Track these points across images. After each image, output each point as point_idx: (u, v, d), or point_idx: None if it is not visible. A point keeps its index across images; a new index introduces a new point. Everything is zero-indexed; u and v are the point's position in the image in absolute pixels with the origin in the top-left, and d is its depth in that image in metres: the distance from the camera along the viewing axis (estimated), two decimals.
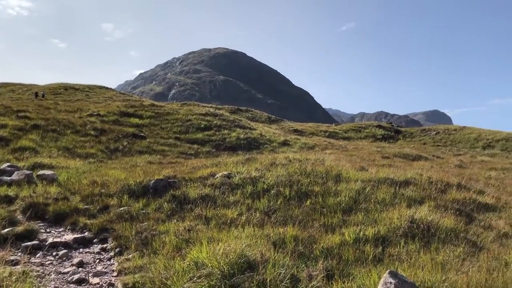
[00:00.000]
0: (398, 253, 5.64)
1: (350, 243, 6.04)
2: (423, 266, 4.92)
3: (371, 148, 28.91)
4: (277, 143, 28.14)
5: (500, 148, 31.02)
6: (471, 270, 4.88)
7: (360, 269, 5.11)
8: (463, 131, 38.17)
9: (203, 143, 25.05)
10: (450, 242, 6.04)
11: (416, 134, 42.48)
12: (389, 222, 6.68)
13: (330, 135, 42.99)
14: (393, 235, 6.29)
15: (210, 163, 12.98)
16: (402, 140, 40.53)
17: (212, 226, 7.06)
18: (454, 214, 7.24)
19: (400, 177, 9.85)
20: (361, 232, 6.30)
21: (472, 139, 34.68)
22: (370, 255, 5.60)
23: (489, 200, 8.83)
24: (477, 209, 8.07)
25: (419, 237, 6.12)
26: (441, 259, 5.32)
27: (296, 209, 7.82)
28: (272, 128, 39.97)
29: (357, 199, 8.24)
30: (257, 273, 4.52)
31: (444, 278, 4.48)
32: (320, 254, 5.67)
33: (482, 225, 7.07)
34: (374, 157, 21.56)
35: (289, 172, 10.10)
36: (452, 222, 6.66)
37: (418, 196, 8.46)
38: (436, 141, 37.05)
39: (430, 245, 5.88)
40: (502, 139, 33.26)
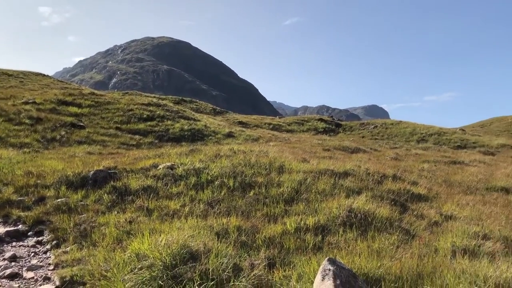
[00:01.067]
0: (337, 241, 5.85)
1: (291, 232, 6.19)
2: (360, 254, 5.13)
3: (313, 140, 29.57)
4: (222, 135, 28.08)
5: (433, 142, 32.75)
6: (404, 256, 5.16)
7: (301, 257, 5.26)
8: (399, 125, 39.94)
9: (146, 133, 24.51)
10: (386, 230, 6.34)
11: (356, 128, 43.88)
12: (329, 211, 6.91)
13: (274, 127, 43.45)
14: (332, 224, 6.51)
15: (152, 154, 12.75)
16: (342, 133, 41.76)
17: (154, 218, 6.97)
18: (389, 204, 7.62)
19: (340, 168, 10.19)
20: (302, 221, 6.47)
21: (407, 133, 36.36)
22: (310, 243, 5.78)
23: (422, 190, 9.34)
24: (410, 199, 8.52)
25: (357, 226, 6.38)
26: (377, 246, 5.58)
27: (240, 199, 7.88)
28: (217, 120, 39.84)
29: (299, 189, 8.44)
30: (199, 263, 4.53)
31: (379, 265, 4.70)
32: (262, 243, 5.77)
33: (415, 214, 7.48)
34: (316, 150, 22.07)
35: (234, 163, 10.15)
36: (387, 212, 6.99)
37: (356, 187, 8.80)
38: (374, 134, 38.50)
39: (367, 233, 6.15)
40: (434, 133, 35.13)
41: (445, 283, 4.28)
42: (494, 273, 4.36)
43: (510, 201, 9.35)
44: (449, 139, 32.81)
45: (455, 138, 33.06)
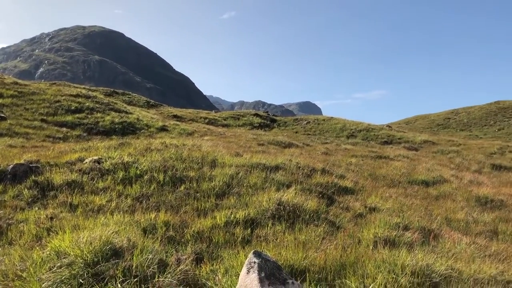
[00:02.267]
0: (266, 234, 5.91)
1: (221, 226, 6.17)
2: (287, 246, 5.22)
3: (248, 135, 29.74)
4: (155, 129, 27.45)
5: (362, 138, 34.09)
6: (329, 247, 5.31)
7: (229, 251, 5.25)
8: (331, 121, 41.20)
9: (74, 126, 23.40)
10: (313, 222, 6.50)
11: (290, 123, 44.68)
12: (259, 205, 6.95)
13: (210, 122, 43.18)
14: (262, 217, 6.57)
15: (79, 148, 12.18)
16: (277, 129, 42.37)
17: (78, 214, 6.65)
18: (317, 197, 7.81)
19: (272, 162, 10.30)
20: (232, 215, 6.47)
21: (338, 129, 37.58)
22: (239, 237, 5.78)
23: (349, 184, 9.67)
24: (337, 192, 8.80)
25: (285, 219, 6.48)
26: (304, 238, 5.70)
27: (169, 194, 7.73)
28: (150, 113, 38.87)
29: (230, 183, 8.43)
30: (123, 259, 4.38)
31: (305, 256, 4.80)
32: (191, 238, 5.70)
33: (341, 206, 7.73)
34: (251, 144, 22.21)
35: (165, 157, 9.94)
36: (315, 204, 7.16)
37: (287, 180, 8.94)
38: (307, 130, 39.42)
39: (295, 225, 6.26)
40: (363, 129, 36.59)
41: (366, 272, 4.44)
42: (411, 261, 4.59)
43: (429, 194, 9.94)
44: (376, 135, 34.31)
45: (382, 134, 34.64)
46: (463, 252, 5.59)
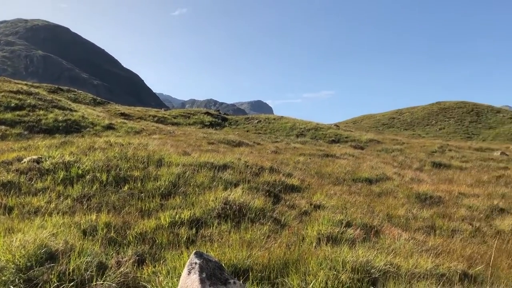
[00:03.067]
0: (211, 234, 5.86)
1: (165, 226, 6.05)
2: (232, 245, 5.19)
3: (199, 134, 29.49)
4: (101, 127, 26.62)
5: (311, 137, 34.70)
6: (273, 246, 5.33)
7: (173, 252, 5.15)
8: (281, 120, 41.67)
9: (13, 124, 22.27)
10: (259, 221, 6.51)
11: (241, 122, 44.75)
12: (205, 204, 6.89)
13: (159, 120, 42.44)
14: (208, 216, 6.51)
15: (18, 147, 11.61)
16: (228, 127, 42.30)
17: (13, 216, 6.31)
18: (264, 195, 7.85)
19: (220, 161, 10.25)
20: (177, 215, 6.36)
21: (288, 128, 38.04)
22: (184, 237, 5.70)
23: (295, 182, 9.79)
24: (284, 190, 8.88)
25: (231, 218, 6.45)
26: (249, 237, 5.70)
27: (112, 195, 7.50)
28: (97, 111, 37.67)
29: (177, 183, 8.30)
30: (58, 263, 4.19)
31: (249, 255, 4.79)
32: (133, 239, 5.55)
33: (288, 204, 7.81)
34: (201, 143, 22.02)
35: (108, 156, 9.64)
36: (261, 203, 7.18)
37: (235, 179, 8.92)
38: (258, 129, 39.64)
39: (241, 224, 6.25)
40: (312, 128, 37.27)
41: (308, 270, 4.50)
42: (351, 258, 4.70)
43: (372, 191, 10.25)
44: (325, 134, 35.04)
45: (330, 133, 35.42)
46: (402, 247, 5.79)
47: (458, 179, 13.34)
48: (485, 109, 63.19)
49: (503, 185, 12.62)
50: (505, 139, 46.30)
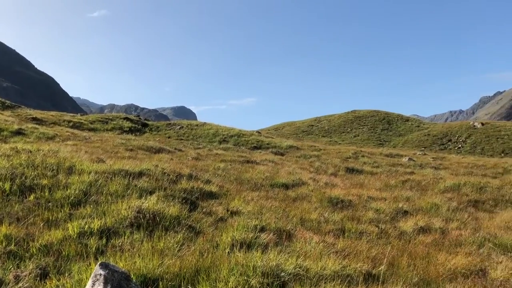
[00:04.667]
0: (122, 244, 5.68)
1: (74, 237, 5.77)
2: (143, 255, 5.07)
3: (117, 140, 28.48)
4: (9, 132, 24.79)
5: (233, 143, 34.91)
6: (186, 254, 5.29)
7: (80, 263, 4.93)
8: (204, 126, 41.51)
9: None
10: (173, 229, 6.42)
11: (162, 128, 43.94)
12: (117, 213, 6.67)
13: (74, 125, 40.41)
14: (120, 226, 6.30)
15: None
16: (149, 133, 41.31)
17: None
18: (180, 203, 7.76)
19: (135, 168, 9.98)
20: (86, 225, 6.09)
21: (211, 134, 37.99)
22: (93, 248, 5.47)
23: (214, 188, 9.80)
24: (202, 197, 8.85)
25: (145, 226, 6.31)
26: (162, 246, 5.60)
27: (16, 205, 7.00)
28: (5, 115, 35.05)
29: (88, 191, 7.94)
30: None
31: (160, 264, 4.72)
32: (37, 252, 5.22)
33: (204, 211, 7.79)
34: (118, 149, 21.28)
35: (13, 164, 8.99)
36: (177, 210, 7.10)
37: (150, 187, 8.73)
38: (180, 135, 39.15)
39: (154, 233, 6.13)
40: (235, 135, 37.53)
41: (219, 276, 4.52)
42: (262, 262, 4.79)
43: (288, 196, 10.54)
44: (247, 140, 35.43)
45: (252, 139, 35.88)
46: (313, 250, 6.00)
47: (368, 183, 14.12)
48: (395, 117, 67.63)
49: (408, 189, 13.57)
50: (412, 146, 49.85)
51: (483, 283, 5.58)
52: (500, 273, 5.93)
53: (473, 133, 51.33)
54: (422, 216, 9.41)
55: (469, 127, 53.95)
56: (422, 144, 50.75)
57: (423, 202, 11.05)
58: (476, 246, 7.47)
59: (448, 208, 10.53)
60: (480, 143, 48.29)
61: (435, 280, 5.63)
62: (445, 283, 5.46)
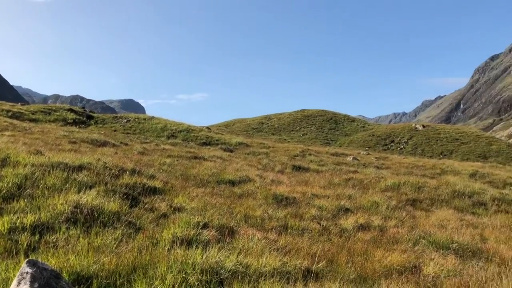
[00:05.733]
0: (57, 240, 5.44)
1: (3, 233, 5.45)
2: (78, 251, 4.88)
3: (59, 132, 27.33)
4: None
5: (182, 138, 34.48)
6: (124, 250, 5.14)
7: (9, 261, 4.67)
8: (152, 120, 40.71)
9: None
10: (112, 225, 6.23)
11: (109, 121, 42.69)
12: (53, 208, 6.37)
13: (14, 115, 38.41)
14: (55, 221, 6.03)
15: None
16: (94, 126, 40.00)
17: None
18: (121, 198, 7.55)
19: (76, 162, 9.61)
20: (18, 220, 5.77)
21: (159, 128, 37.32)
22: (24, 244, 5.20)
23: (158, 184, 9.60)
24: (145, 193, 8.64)
25: (82, 222, 6.07)
26: (99, 242, 5.42)
27: None
28: None
29: (23, 184, 7.55)
30: None
31: (95, 261, 4.55)
32: None
33: (146, 207, 7.61)
34: (60, 142, 20.44)
35: None
36: (117, 206, 6.89)
37: (91, 181, 8.43)
38: (126, 128, 38.20)
39: (92, 229, 5.92)
40: (184, 130, 37.08)
41: (157, 274, 4.42)
42: (202, 259, 4.74)
43: (234, 192, 10.52)
44: (196, 136, 35.11)
45: (202, 135, 35.61)
46: (255, 247, 6.01)
47: (313, 181, 14.38)
48: (342, 118, 69.44)
49: (351, 187, 13.94)
50: (357, 146, 51.37)
51: (416, 279, 5.81)
52: (432, 270, 6.20)
53: (415, 135, 53.61)
54: (363, 214, 9.70)
55: (411, 129, 56.30)
56: (366, 144, 52.41)
57: (364, 200, 11.39)
58: (411, 244, 7.78)
59: (387, 207, 10.92)
60: (421, 144, 50.53)
61: (372, 276, 5.81)
62: (381, 279, 5.64)
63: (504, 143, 51.96)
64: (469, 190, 14.22)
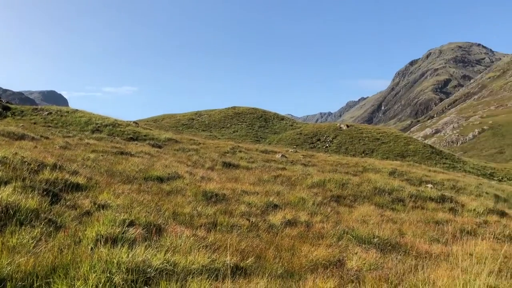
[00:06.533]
0: None
1: None
2: None
3: None
4: None
5: (108, 133, 33.18)
6: (43, 250, 4.85)
7: None
8: (75, 114, 38.80)
9: None
10: (30, 223, 5.85)
11: (28, 113, 40.09)
12: None
13: None
14: None
15: None
16: (11, 118, 37.35)
17: None
18: (41, 195, 7.11)
19: None
20: None
21: (83, 122, 35.67)
22: None
23: (81, 180, 9.17)
24: (67, 189, 8.22)
25: None
26: (15, 242, 5.06)
27: None
28: None
29: None
30: None
31: (10, 262, 4.25)
32: None
33: (68, 204, 7.23)
34: None
35: None
36: (36, 203, 6.48)
37: (6, 177, 7.86)
38: (47, 121, 36.08)
39: (7, 228, 5.52)
40: (110, 124, 35.71)
41: (79, 273, 4.21)
42: (128, 258, 4.58)
43: (162, 189, 10.29)
44: (123, 131, 33.95)
45: (129, 130, 34.51)
46: (183, 244, 5.93)
47: (243, 178, 14.46)
48: (272, 116, 70.54)
49: (279, 183, 14.21)
50: (286, 143, 52.47)
51: (340, 273, 6.03)
52: (355, 263, 6.49)
53: (339, 134, 55.78)
54: (290, 210, 9.92)
55: (336, 128, 58.49)
56: (294, 142, 53.69)
57: (292, 196, 11.64)
58: (336, 238, 8.08)
59: (313, 203, 11.25)
60: (345, 143, 52.68)
61: (298, 271, 5.95)
62: (307, 274, 5.79)
63: (421, 143, 55.62)
64: (389, 187, 15.04)
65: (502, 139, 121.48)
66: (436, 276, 5.58)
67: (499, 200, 20.73)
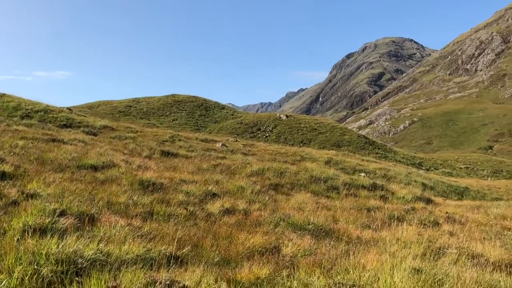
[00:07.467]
0: None
1: None
2: None
3: None
4: None
5: (38, 119, 31.49)
6: None
7: None
8: (3, 98, 36.39)
9: None
10: None
11: None
12: None
13: None
14: None
15: None
16: None
17: None
18: None
19: None
20: None
21: (11, 107, 33.55)
22: None
23: (8, 168, 8.67)
24: None
25: None
26: None
27: None
28: None
29: None
30: None
31: None
32: None
33: None
34: None
35: None
36: None
37: None
38: None
39: None
40: (41, 110, 33.89)
41: (3, 266, 4.00)
42: (58, 249, 4.40)
43: (96, 178, 9.95)
44: (55, 117, 32.35)
45: (62, 116, 32.93)
46: (117, 234, 5.78)
47: (182, 167, 14.30)
48: (213, 105, 70.19)
49: (219, 172, 14.20)
50: (226, 133, 52.48)
51: (275, 260, 6.15)
52: (290, 250, 6.64)
53: (279, 124, 56.61)
54: (229, 198, 9.96)
55: (275, 119, 59.29)
56: (235, 131, 53.83)
57: (231, 185, 11.69)
58: (273, 226, 8.23)
59: (252, 191, 11.36)
60: (284, 133, 53.58)
61: (235, 258, 6.00)
62: (243, 261, 5.86)
63: (355, 134, 57.77)
64: (324, 176, 15.51)
65: (430, 130, 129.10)
66: (366, 261, 5.85)
67: (426, 188, 22.07)
